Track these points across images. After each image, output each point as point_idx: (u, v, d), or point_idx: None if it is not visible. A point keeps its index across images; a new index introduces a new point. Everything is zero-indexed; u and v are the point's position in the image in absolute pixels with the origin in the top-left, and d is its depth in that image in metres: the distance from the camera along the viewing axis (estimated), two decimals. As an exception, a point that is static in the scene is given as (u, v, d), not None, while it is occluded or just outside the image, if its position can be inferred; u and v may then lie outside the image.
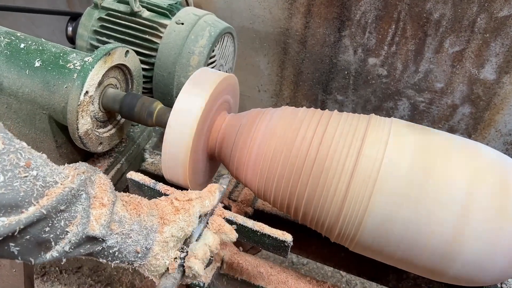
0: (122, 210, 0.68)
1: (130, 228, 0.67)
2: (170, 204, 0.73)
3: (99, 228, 0.62)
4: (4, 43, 0.90)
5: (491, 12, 1.32)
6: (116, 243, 0.65)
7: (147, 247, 0.69)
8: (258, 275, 0.96)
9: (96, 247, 0.63)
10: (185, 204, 0.73)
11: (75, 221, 0.59)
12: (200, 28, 1.19)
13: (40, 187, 0.55)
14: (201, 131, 0.84)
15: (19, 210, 0.52)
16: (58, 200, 0.56)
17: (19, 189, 0.52)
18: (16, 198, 0.51)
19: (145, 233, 0.69)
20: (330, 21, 1.54)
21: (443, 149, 0.78)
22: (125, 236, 0.66)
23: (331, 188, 0.78)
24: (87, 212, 0.61)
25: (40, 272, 1.75)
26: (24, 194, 0.52)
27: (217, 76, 0.86)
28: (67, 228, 0.58)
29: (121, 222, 0.66)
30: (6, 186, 0.50)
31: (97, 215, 0.62)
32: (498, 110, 1.49)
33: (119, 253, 0.66)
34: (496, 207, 0.73)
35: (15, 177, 0.52)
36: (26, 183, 0.53)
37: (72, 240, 0.59)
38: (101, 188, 0.65)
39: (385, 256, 0.81)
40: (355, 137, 0.78)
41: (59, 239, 0.58)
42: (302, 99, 1.78)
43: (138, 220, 0.69)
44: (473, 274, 0.76)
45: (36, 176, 0.54)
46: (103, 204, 0.64)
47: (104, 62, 0.88)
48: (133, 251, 0.67)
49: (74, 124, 0.86)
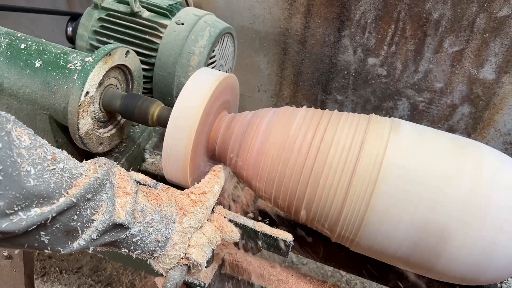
0: (143, 200, 0.71)
1: (151, 217, 0.70)
2: (187, 197, 0.77)
3: (124, 215, 0.64)
4: (5, 43, 0.90)
5: (491, 12, 1.32)
6: (139, 232, 0.68)
7: (167, 236, 0.72)
8: (258, 275, 0.96)
9: (120, 235, 0.65)
10: (201, 197, 0.77)
11: (100, 210, 0.61)
12: (200, 28, 1.19)
13: (68, 179, 0.57)
14: (202, 131, 0.84)
15: (51, 201, 0.54)
16: (85, 189, 0.58)
17: (49, 180, 0.54)
18: (48, 189, 0.53)
19: (165, 222, 0.72)
20: (329, 21, 1.54)
21: (444, 149, 0.78)
22: (147, 225, 0.69)
23: (332, 188, 0.78)
24: (112, 200, 0.63)
25: (40, 273, 1.75)
26: (55, 186, 0.54)
27: (217, 76, 0.86)
28: (93, 217, 0.60)
29: (143, 211, 0.69)
30: (37, 178, 0.52)
31: (122, 203, 0.65)
32: (498, 109, 1.50)
33: (141, 242, 0.69)
34: (497, 206, 0.73)
35: (44, 170, 0.54)
36: (55, 175, 0.55)
37: (99, 228, 0.61)
38: (122, 179, 0.67)
39: (386, 255, 0.81)
40: (356, 137, 0.79)
41: (85, 227, 0.60)
42: (302, 99, 1.78)
43: (159, 209, 0.72)
44: (474, 273, 0.76)
45: (63, 169, 0.57)
46: (126, 193, 0.66)
47: (105, 63, 0.88)
48: (154, 240, 0.70)
49: (74, 125, 0.86)
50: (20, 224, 0.50)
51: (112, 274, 1.79)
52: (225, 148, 0.89)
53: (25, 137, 0.53)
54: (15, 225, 0.49)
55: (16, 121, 0.53)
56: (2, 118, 0.49)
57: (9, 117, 0.52)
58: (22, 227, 0.50)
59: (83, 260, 1.82)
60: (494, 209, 0.73)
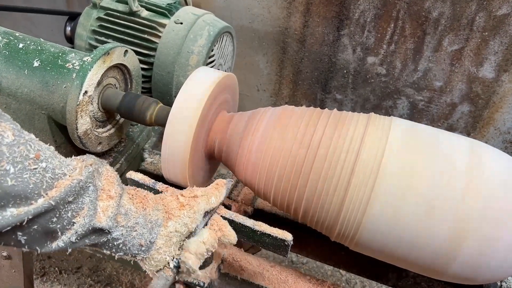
0: (128, 203, 0.69)
1: (135, 221, 0.68)
2: (176, 200, 0.74)
3: (105, 220, 0.62)
4: (3, 43, 0.90)
5: (490, 11, 1.32)
6: (121, 235, 0.66)
7: (151, 240, 0.70)
8: (258, 274, 0.96)
9: (101, 239, 0.64)
10: (190, 200, 0.74)
11: (82, 213, 0.60)
12: (199, 27, 1.18)
13: (49, 179, 0.55)
14: (201, 131, 0.84)
15: (29, 201, 0.52)
16: (66, 192, 0.56)
17: (28, 181, 0.52)
18: (26, 190, 0.52)
19: (149, 226, 0.69)
20: (329, 20, 1.53)
21: (443, 148, 0.78)
22: (130, 229, 0.67)
23: (331, 187, 0.78)
24: (94, 204, 0.62)
25: (39, 273, 1.75)
26: (34, 186, 0.53)
27: (216, 75, 0.86)
28: (74, 219, 0.59)
29: (127, 215, 0.67)
30: (16, 178, 0.51)
31: (104, 207, 0.63)
32: (497, 108, 1.49)
33: (123, 245, 0.67)
34: (496, 205, 0.73)
35: (25, 169, 0.52)
36: (36, 175, 0.53)
37: (79, 231, 0.59)
38: (108, 181, 0.66)
39: (385, 255, 0.81)
40: (355, 137, 0.78)
41: (65, 229, 0.58)
42: (301, 98, 1.78)
43: (144, 213, 0.70)
44: (473, 272, 0.76)
45: (45, 168, 0.55)
46: (110, 197, 0.64)
47: (103, 62, 0.87)
48: (137, 244, 0.68)
49: (73, 124, 0.86)
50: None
51: (112, 274, 1.79)
52: (225, 147, 0.89)
53: (9, 133, 0.51)
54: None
55: (3, 116, 0.52)
56: None
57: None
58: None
59: (83, 260, 1.82)
60: (492, 207, 0.73)
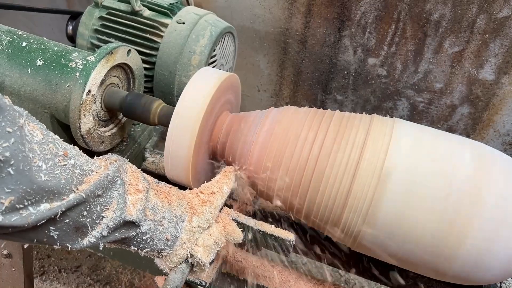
0: (154, 198, 0.70)
1: (162, 215, 0.69)
2: (197, 197, 0.77)
3: (136, 212, 0.64)
4: (6, 41, 0.90)
5: (491, 13, 1.33)
6: (149, 230, 0.67)
7: (176, 235, 0.71)
8: (259, 274, 0.96)
9: (131, 232, 0.65)
10: (210, 197, 0.77)
11: (111, 206, 0.61)
12: (201, 27, 1.19)
13: (78, 175, 0.57)
14: (204, 131, 0.84)
15: (61, 196, 0.54)
16: (96, 185, 0.58)
17: (60, 176, 0.54)
18: (58, 185, 0.53)
19: (175, 221, 0.71)
20: (330, 21, 1.54)
21: (445, 149, 0.78)
22: (157, 223, 0.68)
23: (334, 188, 0.78)
24: (123, 197, 0.63)
25: (39, 271, 1.75)
26: (65, 181, 0.54)
27: (219, 75, 0.86)
28: (103, 213, 0.60)
29: (154, 209, 0.69)
30: (48, 174, 0.52)
31: (134, 200, 0.64)
32: (497, 110, 1.50)
33: (151, 240, 0.68)
34: (497, 206, 0.73)
35: (55, 165, 0.54)
36: (66, 171, 0.55)
37: (110, 225, 0.61)
38: (133, 176, 0.67)
39: (387, 255, 0.81)
40: (358, 138, 0.79)
41: (95, 224, 0.60)
42: (302, 99, 1.78)
43: (169, 208, 0.71)
44: (473, 273, 0.77)
45: (74, 165, 0.57)
46: (138, 190, 0.66)
47: (107, 61, 0.87)
48: (164, 239, 0.70)
49: (76, 123, 0.86)
50: (30, 218, 0.50)
51: (111, 273, 1.79)
52: (227, 147, 0.89)
53: (37, 132, 0.53)
54: (24, 219, 0.49)
55: (29, 116, 0.53)
56: (15, 113, 0.49)
57: (22, 112, 0.52)
58: (32, 221, 0.50)
59: (82, 259, 1.82)
60: (493, 208, 0.73)
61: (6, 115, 0.47)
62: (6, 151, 0.46)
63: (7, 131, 0.47)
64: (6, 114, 0.47)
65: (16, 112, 0.49)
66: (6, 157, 0.46)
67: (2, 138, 0.46)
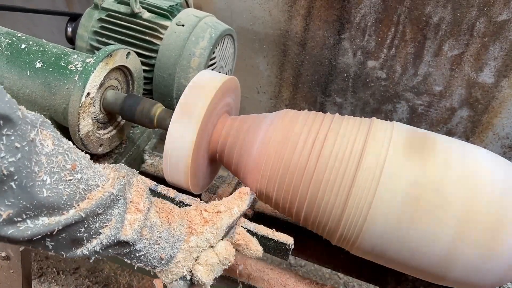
0: (154, 217, 0.69)
1: (159, 235, 0.68)
2: (200, 215, 0.74)
3: (131, 233, 0.63)
4: (5, 43, 0.90)
5: (490, 16, 1.33)
6: (143, 248, 0.66)
7: (172, 255, 0.70)
8: (258, 277, 0.96)
9: (124, 249, 0.65)
10: (213, 216, 0.74)
11: (110, 224, 0.60)
12: (200, 29, 1.18)
13: (82, 190, 0.56)
14: (203, 134, 0.84)
15: (60, 212, 0.53)
16: (97, 205, 0.57)
17: (63, 192, 0.53)
18: (59, 201, 0.53)
19: (172, 241, 0.70)
20: (330, 24, 1.54)
21: (444, 152, 0.78)
22: (153, 242, 0.67)
23: (333, 192, 0.78)
24: (122, 216, 0.62)
25: (37, 273, 1.75)
26: (67, 198, 0.54)
27: (219, 78, 0.86)
28: (101, 230, 0.60)
29: (152, 228, 0.67)
30: (51, 189, 0.51)
31: (132, 220, 0.63)
32: (496, 113, 1.50)
33: (145, 257, 0.67)
34: (495, 213, 0.73)
35: (60, 180, 0.53)
36: (70, 186, 0.54)
37: (104, 242, 0.60)
38: (138, 193, 0.66)
39: (386, 259, 0.81)
40: (357, 142, 0.79)
41: (91, 238, 0.59)
42: (301, 101, 1.78)
43: (168, 228, 0.70)
44: (473, 277, 0.77)
45: (80, 179, 0.56)
46: (138, 210, 0.65)
47: (106, 64, 0.87)
48: (158, 257, 0.68)
49: (75, 126, 0.86)
50: (26, 232, 0.50)
51: (110, 275, 1.79)
52: (226, 150, 0.89)
53: (49, 142, 0.52)
54: (21, 232, 0.49)
55: (44, 122, 0.53)
56: (26, 126, 0.48)
57: (36, 121, 0.51)
58: (27, 235, 0.50)
59: (81, 261, 1.81)
60: (493, 213, 0.73)
61: (16, 130, 0.46)
62: (11, 166, 0.46)
63: (15, 146, 0.46)
64: (17, 128, 0.46)
65: (28, 125, 0.49)
66: (10, 172, 0.46)
67: (9, 152, 0.46)
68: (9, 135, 0.45)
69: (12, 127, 0.46)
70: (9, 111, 0.45)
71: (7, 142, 0.45)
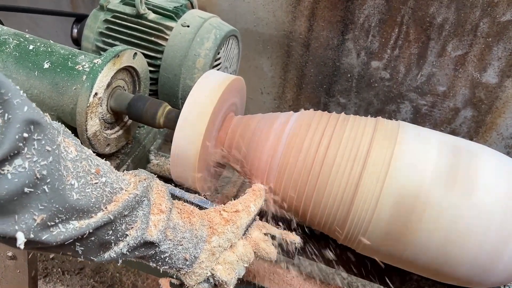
0: (176, 218, 0.70)
1: (182, 235, 0.69)
2: (219, 215, 0.75)
3: (156, 233, 0.63)
4: (13, 44, 0.90)
5: (494, 17, 1.33)
6: (168, 249, 0.67)
7: (195, 255, 0.71)
8: (264, 277, 0.96)
9: (150, 251, 0.65)
10: (233, 215, 0.75)
11: (135, 226, 0.61)
12: (205, 30, 1.19)
13: (108, 193, 0.57)
14: (210, 133, 0.84)
15: (90, 215, 0.54)
16: (124, 206, 0.58)
17: (90, 195, 0.54)
18: (88, 204, 0.53)
19: (195, 241, 0.71)
20: (333, 24, 1.54)
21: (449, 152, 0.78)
22: (177, 243, 0.68)
23: (339, 191, 0.78)
24: (147, 217, 0.63)
25: (42, 273, 1.75)
26: (95, 200, 0.55)
27: (225, 78, 0.86)
28: (127, 232, 0.60)
29: (175, 229, 0.68)
30: (80, 192, 0.52)
31: (156, 221, 0.64)
32: (500, 113, 1.50)
33: (170, 258, 0.68)
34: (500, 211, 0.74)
35: (87, 183, 0.54)
36: (97, 189, 0.55)
37: (131, 243, 0.61)
38: (159, 195, 0.67)
39: (392, 258, 0.81)
40: (363, 141, 0.79)
41: (118, 240, 0.60)
42: (305, 102, 1.79)
43: (190, 228, 0.71)
44: (476, 276, 0.77)
45: (105, 183, 0.57)
46: (161, 211, 0.65)
47: (113, 64, 0.88)
48: (182, 258, 0.69)
49: (83, 126, 0.86)
50: (59, 237, 0.51)
51: (114, 275, 1.79)
52: (232, 150, 0.89)
53: (72, 149, 0.53)
54: (54, 237, 0.50)
55: (65, 131, 0.54)
56: (54, 131, 0.49)
57: (59, 128, 0.52)
58: (60, 240, 0.51)
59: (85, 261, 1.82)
60: (498, 212, 0.73)
61: (46, 133, 0.47)
62: (44, 169, 0.46)
63: (46, 150, 0.47)
64: (47, 132, 0.47)
65: (54, 130, 0.50)
66: (43, 175, 0.46)
67: (41, 156, 0.46)
68: (40, 140, 0.46)
69: (42, 131, 0.46)
70: (37, 116, 0.46)
71: (38, 146, 0.46)
